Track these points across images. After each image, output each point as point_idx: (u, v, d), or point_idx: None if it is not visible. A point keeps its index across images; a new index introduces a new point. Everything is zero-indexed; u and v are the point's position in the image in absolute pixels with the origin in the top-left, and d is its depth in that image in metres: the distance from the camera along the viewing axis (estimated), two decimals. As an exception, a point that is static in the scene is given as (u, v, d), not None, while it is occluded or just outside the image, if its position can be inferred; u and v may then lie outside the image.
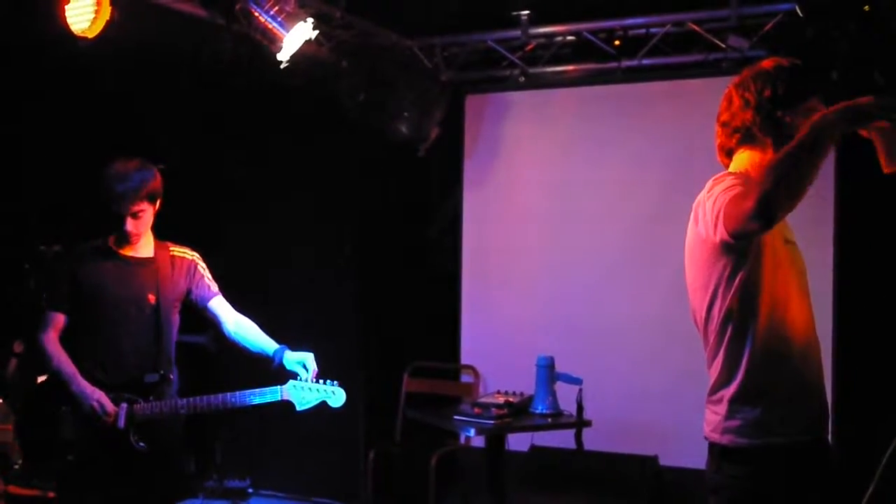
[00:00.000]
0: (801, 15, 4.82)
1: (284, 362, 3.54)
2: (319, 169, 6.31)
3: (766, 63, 2.66)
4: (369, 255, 6.29)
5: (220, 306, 3.69)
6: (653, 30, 5.51)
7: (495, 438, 4.56)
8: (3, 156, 5.60)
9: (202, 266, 3.71)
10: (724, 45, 5.36)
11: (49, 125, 5.75)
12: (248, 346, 3.64)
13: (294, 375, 3.54)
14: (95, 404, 3.38)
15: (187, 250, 3.71)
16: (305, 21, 4.91)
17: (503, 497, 4.65)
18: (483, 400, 4.61)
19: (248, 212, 6.63)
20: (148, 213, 3.51)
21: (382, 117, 5.73)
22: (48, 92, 5.87)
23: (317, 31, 5.08)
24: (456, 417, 4.46)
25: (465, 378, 6.14)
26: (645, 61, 5.62)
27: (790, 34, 4.96)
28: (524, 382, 4.71)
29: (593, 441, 4.54)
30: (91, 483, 3.47)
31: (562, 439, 4.69)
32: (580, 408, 4.42)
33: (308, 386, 3.51)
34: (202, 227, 6.61)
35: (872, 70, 4.64)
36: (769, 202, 2.21)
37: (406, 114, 5.76)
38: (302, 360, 3.54)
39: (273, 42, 5.01)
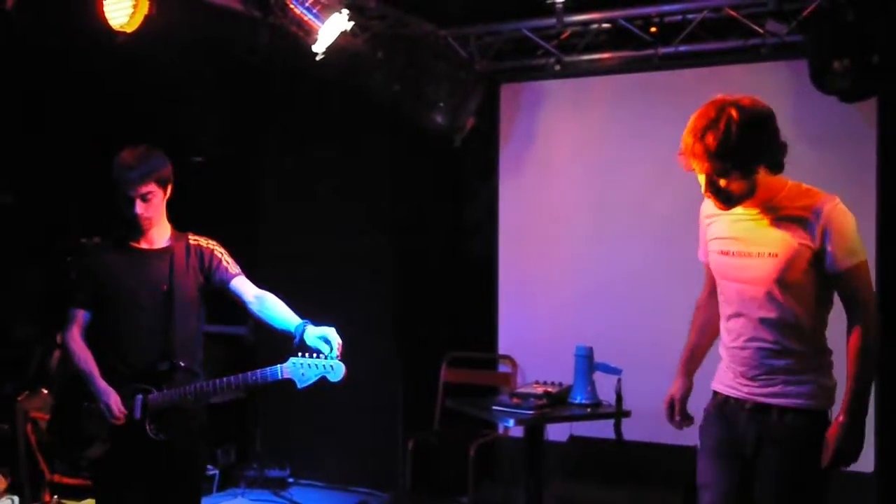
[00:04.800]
0: (841, -1, 4.76)
1: (305, 338, 3.45)
2: (355, 161, 6.33)
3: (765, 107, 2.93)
4: (406, 245, 6.29)
5: (241, 284, 3.65)
6: (690, 16, 5.45)
7: (534, 428, 4.56)
8: (45, 150, 5.68)
9: (220, 251, 3.69)
10: (762, 31, 5.29)
11: (88, 119, 5.82)
12: (271, 321, 3.58)
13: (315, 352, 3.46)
14: (104, 407, 3.43)
15: (203, 239, 3.70)
16: (340, 12, 4.93)
17: (542, 487, 4.64)
18: (522, 390, 4.60)
19: (283, 204, 6.66)
20: (158, 196, 3.51)
21: (418, 107, 5.72)
22: (86, 86, 5.94)
23: (352, 23, 5.09)
24: (495, 408, 4.46)
25: (503, 368, 6.14)
26: (682, 48, 5.55)
27: (830, 18, 4.87)
28: (562, 372, 4.70)
29: (632, 431, 4.51)
30: (121, 474, 3.52)
31: (601, 429, 4.66)
32: (619, 398, 4.39)
33: (307, 362, 3.41)
34: (238, 218, 6.69)
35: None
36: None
37: (441, 104, 5.75)
38: (323, 335, 3.44)
39: (309, 34, 5.02)
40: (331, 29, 4.95)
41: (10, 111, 5.72)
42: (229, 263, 3.68)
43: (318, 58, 5.04)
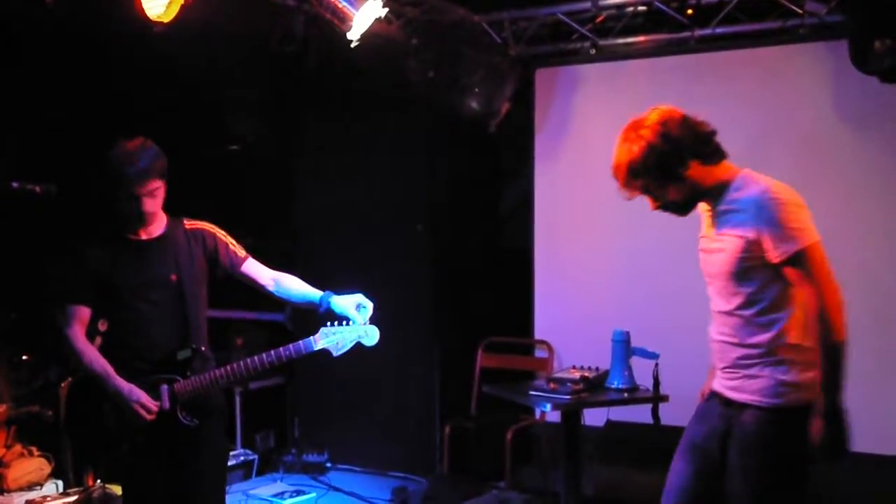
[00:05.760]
0: (882, -23, 4.68)
1: (332, 307, 3.44)
2: (391, 147, 6.34)
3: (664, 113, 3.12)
4: (443, 231, 6.30)
5: (254, 267, 3.63)
6: (726, -3, 5.40)
7: (571, 413, 4.55)
8: (85, 140, 5.74)
9: (222, 234, 3.64)
10: (801, 11, 5.22)
11: (124, 109, 5.86)
12: (292, 298, 3.58)
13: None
14: (136, 406, 3.34)
15: (199, 222, 3.64)
16: (375, -1, 4.93)
17: (579, 472, 4.64)
18: (558, 375, 4.59)
19: (318, 192, 6.69)
20: (162, 190, 3.45)
21: (453, 93, 5.72)
22: (123, 77, 6.00)
23: (386, 9, 5.10)
24: (532, 392, 4.45)
25: (540, 353, 6.14)
26: (718, 30, 5.50)
27: (870, -2, 4.80)
28: (599, 357, 4.68)
29: (670, 416, 4.48)
30: (151, 468, 3.47)
31: (638, 414, 4.64)
32: (657, 382, 4.38)
33: (340, 330, 3.38)
34: (274, 207, 6.73)
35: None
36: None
37: (476, 89, 5.75)
38: (356, 302, 3.43)
39: (343, 21, 5.04)
40: (365, 16, 4.96)
41: (51, 101, 5.79)
42: (236, 247, 3.65)
43: (352, 45, 5.05)
